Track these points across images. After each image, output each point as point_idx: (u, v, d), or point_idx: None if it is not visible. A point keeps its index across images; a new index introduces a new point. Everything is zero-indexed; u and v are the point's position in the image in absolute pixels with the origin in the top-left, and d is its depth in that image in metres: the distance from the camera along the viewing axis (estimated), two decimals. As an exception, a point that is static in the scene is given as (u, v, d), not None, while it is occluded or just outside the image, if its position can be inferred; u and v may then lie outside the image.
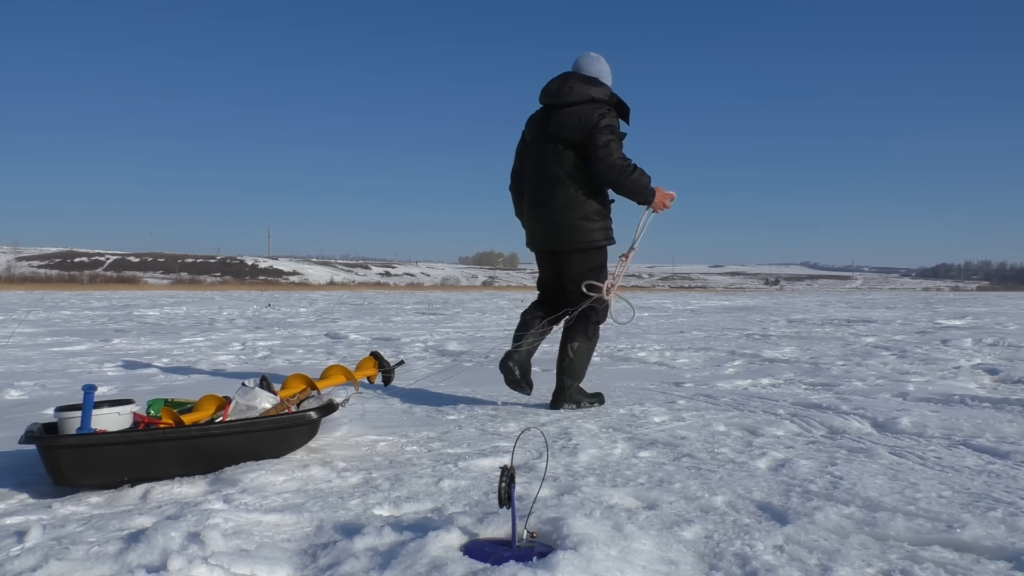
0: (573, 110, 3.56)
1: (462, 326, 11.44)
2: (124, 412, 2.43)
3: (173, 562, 1.62)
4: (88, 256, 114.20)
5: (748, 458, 2.72)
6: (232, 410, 2.65)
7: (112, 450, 2.30)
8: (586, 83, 3.61)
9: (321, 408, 2.74)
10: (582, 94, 3.57)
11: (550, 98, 3.65)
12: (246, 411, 2.66)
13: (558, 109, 3.61)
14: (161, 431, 2.41)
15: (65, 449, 2.26)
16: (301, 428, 2.68)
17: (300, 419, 2.67)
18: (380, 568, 1.63)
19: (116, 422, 2.38)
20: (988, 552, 1.79)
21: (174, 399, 2.79)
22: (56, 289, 45.06)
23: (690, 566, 1.69)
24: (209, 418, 2.63)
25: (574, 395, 3.78)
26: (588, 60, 3.71)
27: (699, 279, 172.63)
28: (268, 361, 6.26)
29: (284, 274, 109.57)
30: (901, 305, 24.58)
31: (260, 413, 2.66)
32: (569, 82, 3.61)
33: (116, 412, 2.39)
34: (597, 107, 3.54)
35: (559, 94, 3.61)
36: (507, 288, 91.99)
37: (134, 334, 9.31)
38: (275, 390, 2.87)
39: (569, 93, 3.58)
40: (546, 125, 3.65)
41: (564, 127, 3.57)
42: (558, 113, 3.60)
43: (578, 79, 3.62)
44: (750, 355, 6.62)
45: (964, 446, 2.91)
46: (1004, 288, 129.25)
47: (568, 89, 3.59)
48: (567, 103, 3.58)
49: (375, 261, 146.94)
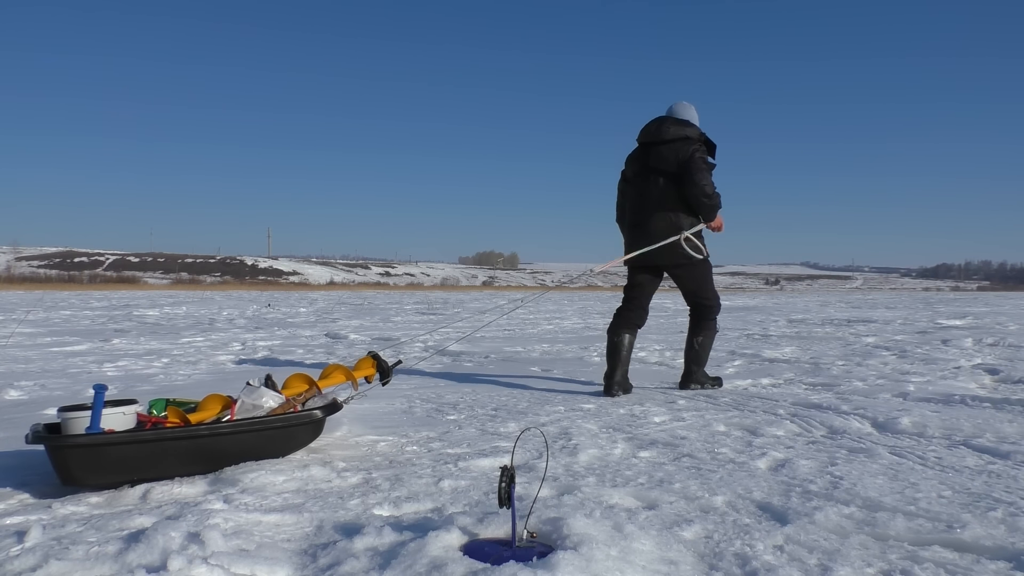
0: (670, 146, 4.19)
1: (462, 326, 11.44)
2: (128, 412, 2.42)
3: (173, 562, 1.62)
4: (88, 256, 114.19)
5: (748, 458, 2.72)
6: (238, 409, 2.64)
7: (121, 450, 2.30)
8: (679, 124, 4.23)
9: (326, 407, 2.74)
10: (677, 134, 4.19)
11: (649, 137, 4.29)
12: (252, 410, 2.66)
13: (656, 146, 4.24)
14: (171, 430, 2.41)
15: (74, 449, 2.24)
16: (307, 427, 2.70)
17: (307, 418, 2.67)
18: (380, 568, 1.63)
19: (121, 422, 2.37)
20: (988, 552, 1.79)
21: (176, 399, 2.79)
22: (56, 289, 45.08)
23: (690, 566, 1.69)
24: (216, 417, 2.62)
25: (699, 377, 4.48)
26: (681, 106, 4.36)
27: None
28: (268, 361, 6.26)
29: (284, 274, 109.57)
30: (901, 305, 24.58)
31: (267, 412, 2.66)
32: (665, 124, 4.24)
33: (121, 412, 2.38)
34: (691, 143, 4.16)
35: (658, 133, 4.24)
36: (507, 288, 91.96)
37: (134, 334, 9.31)
38: (278, 389, 2.87)
39: (666, 133, 4.21)
40: (645, 160, 4.29)
41: (662, 161, 4.19)
42: (656, 149, 4.23)
43: (672, 122, 4.25)
44: (750, 355, 6.62)
45: (964, 446, 2.91)
46: (1004, 288, 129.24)
47: (665, 130, 4.22)
48: (664, 140, 4.21)
49: (375, 261, 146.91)
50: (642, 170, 4.30)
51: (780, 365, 5.89)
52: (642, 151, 4.33)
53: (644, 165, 4.29)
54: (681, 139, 4.18)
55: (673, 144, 4.18)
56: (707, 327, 4.47)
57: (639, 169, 4.33)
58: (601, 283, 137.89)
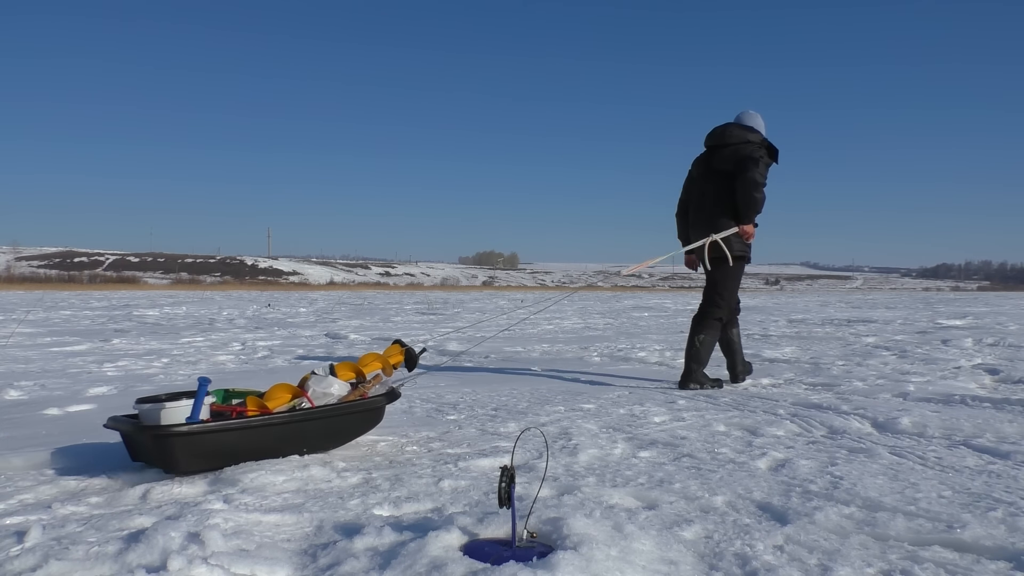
0: (732, 149, 4.45)
1: (462, 326, 11.44)
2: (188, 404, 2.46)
3: (173, 562, 1.62)
4: (88, 256, 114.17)
5: (748, 458, 2.72)
6: (312, 397, 2.77)
7: (221, 437, 2.44)
8: (743, 130, 4.51)
9: (388, 394, 2.92)
10: (740, 138, 4.47)
11: (714, 140, 4.56)
12: (323, 397, 2.78)
13: (720, 149, 4.50)
14: (270, 417, 2.56)
15: (180, 437, 2.34)
16: (378, 411, 2.89)
17: (379, 403, 2.87)
18: (380, 568, 1.63)
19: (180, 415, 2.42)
20: (988, 552, 1.79)
21: (234, 389, 2.85)
22: (56, 289, 45.08)
23: (690, 566, 1.69)
24: (291, 405, 2.72)
25: (699, 377, 4.49)
26: (747, 114, 4.63)
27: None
28: (268, 361, 6.26)
29: (284, 274, 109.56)
30: (901, 305, 24.58)
31: (337, 399, 2.80)
32: (730, 129, 4.52)
33: (188, 404, 2.43)
34: (750, 146, 4.42)
35: (722, 137, 4.52)
36: (507, 288, 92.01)
37: (134, 334, 9.31)
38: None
39: (730, 137, 4.49)
40: (710, 162, 4.56)
41: (724, 161, 4.46)
42: (720, 151, 4.50)
43: (737, 127, 4.53)
44: (750, 355, 6.61)
45: (964, 446, 2.91)
46: (1005, 288, 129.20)
47: (730, 134, 4.50)
48: (727, 144, 4.48)
49: (375, 261, 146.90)
50: (706, 171, 4.58)
51: (780, 365, 5.90)
52: (707, 154, 4.61)
53: (708, 167, 4.57)
54: (743, 143, 4.44)
55: (735, 147, 4.44)
56: (711, 326, 4.53)
57: (704, 171, 4.60)
58: (601, 283, 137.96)
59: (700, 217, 4.56)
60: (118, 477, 2.43)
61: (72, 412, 3.74)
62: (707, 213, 4.50)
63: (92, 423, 3.43)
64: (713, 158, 4.53)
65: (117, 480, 2.41)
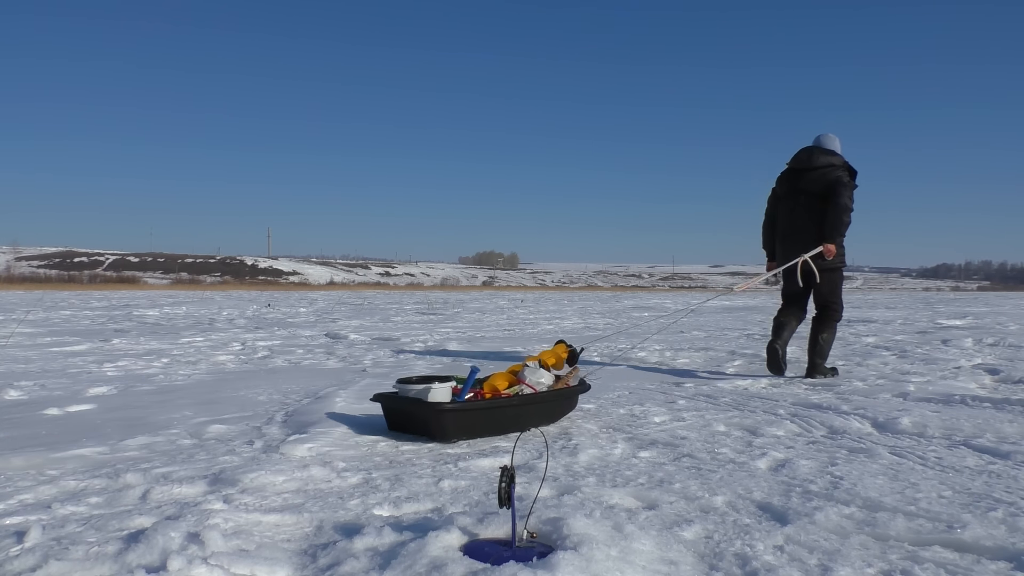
0: (818, 172, 4.95)
1: (462, 326, 11.44)
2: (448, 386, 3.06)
3: (173, 562, 1.62)
4: (88, 256, 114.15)
5: (748, 458, 2.72)
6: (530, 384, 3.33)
7: (478, 414, 3.05)
8: (826, 154, 5.00)
9: (582, 383, 3.53)
10: (824, 162, 4.96)
11: (800, 164, 5.07)
12: (537, 385, 3.35)
13: (806, 172, 5.01)
14: (511, 399, 3.18)
15: (452, 413, 2.97)
16: (576, 398, 3.50)
17: (581, 389, 3.51)
18: (380, 568, 1.63)
19: (445, 394, 3.02)
20: (989, 552, 1.79)
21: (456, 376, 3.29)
22: (56, 289, 45.09)
23: (690, 566, 1.69)
24: (514, 390, 3.29)
25: (821, 369, 5.09)
26: (826, 138, 5.14)
27: (699, 279, 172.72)
28: (268, 361, 6.26)
29: (284, 274, 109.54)
30: (901, 305, 24.58)
31: (547, 387, 3.37)
32: (815, 154, 5.02)
33: (448, 386, 3.05)
34: (836, 170, 4.91)
35: (808, 161, 5.01)
36: (507, 288, 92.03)
37: (134, 334, 9.30)
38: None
39: (815, 161, 4.98)
40: (796, 182, 5.07)
41: (811, 184, 4.97)
42: (807, 174, 5.01)
43: (820, 151, 5.02)
44: (750, 355, 6.62)
45: (965, 446, 2.91)
46: (1005, 288, 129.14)
47: (815, 158, 4.99)
48: (813, 167, 4.97)
49: (375, 261, 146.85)
50: (791, 191, 5.09)
51: (780, 365, 5.88)
52: (793, 175, 5.11)
53: (794, 187, 5.07)
54: (828, 166, 4.93)
55: (821, 170, 4.94)
56: (831, 327, 5.12)
57: (789, 190, 5.12)
58: (601, 283, 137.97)
59: (792, 234, 5.08)
60: (118, 477, 2.44)
61: (72, 412, 3.74)
62: (800, 231, 5.01)
63: (92, 423, 3.44)
64: (800, 179, 5.03)
65: (117, 480, 2.41)
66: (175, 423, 3.41)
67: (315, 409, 3.70)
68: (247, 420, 3.50)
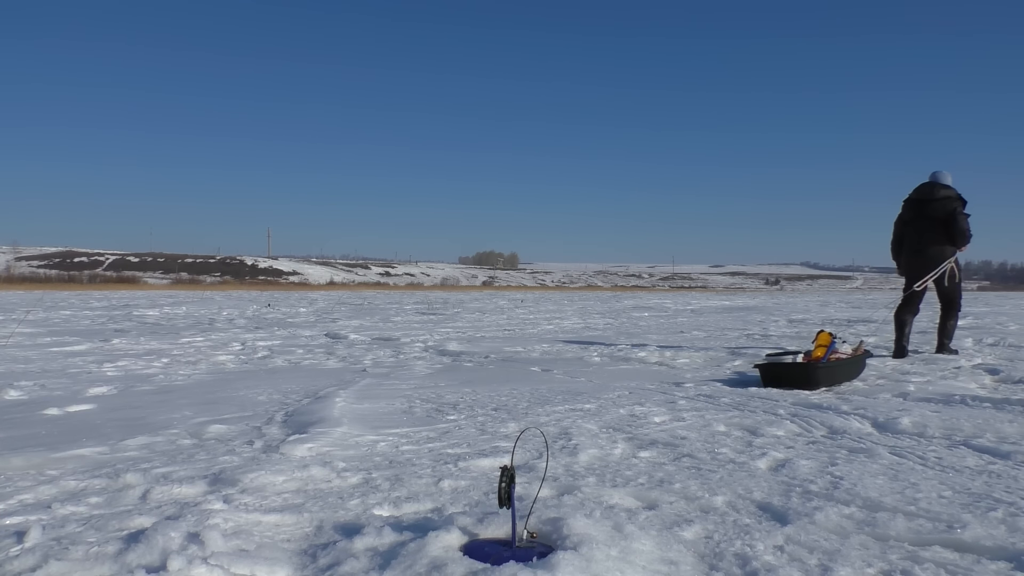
0: (939, 202, 6.44)
1: (462, 326, 11.44)
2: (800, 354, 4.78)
3: (173, 562, 1.62)
4: (88, 256, 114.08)
5: (748, 458, 2.72)
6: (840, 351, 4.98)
7: (831, 370, 4.65)
8: (944, 187, 6.49)
9: (868, 353, 5.37)
10: (943, 194, 6.44)
11: (923, 195, 6.53)
12: (844, 354, 4.97)
13: (930, 202, 6.47)
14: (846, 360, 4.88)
15: (821, 369, 4.57)
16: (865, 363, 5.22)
17: (867, 356, 5.35)
18: (380, 568, 1.63)
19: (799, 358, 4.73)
20: (989, 552, 1.79)
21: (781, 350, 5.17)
22: (56, 289, 45.07)
23: (690, 566, 1.69)
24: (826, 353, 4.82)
25: (947, 348, 6.59)
26: (941, 174, 6.61)
27: (699, 279, 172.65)
28: (268, 361, 6.26)
29: (284, 274, 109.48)
30: (901, 305, 24.53)
31: (847, 354, 5.00)
32: (936, 188, 6.49)
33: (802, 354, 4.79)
34: (953, 201, 6.41)
35: (930, 194, 6.48)
36: (507, 288, 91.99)
37: (134, 334, 9.30)
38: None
39: (936, 194, 6.46)
40: (921, 210, 6.53)
41: (935, 211, 6.46)
42: (929, 204, 6.49)
43: (939, 186, 6.49)
44: (751, 355, 6.62)
45: (965, 446, 2.91)
46: (1005, 288, 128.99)
47: (936, 192, 6.47)
48: (934, 199, 6.46)
49: (375, 261, 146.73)
50: (916, 217, 6.54)
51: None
52: (918, 204, 6.55)
53: (919, 214, 6.52)
54: (946, 198, 6.40)
55: (941, 201, 6.42)
56: (954, 315, 6.62)
57: (914, 216, 6.56)
58: (601, 283, 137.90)
59: (920, 251, 6.50)
60: (118, 477, 2.44)
61: (72, 412, 3.75)
62: (926, 247, 6.46)
63: (92, 423, 3.44)
64: (925, 208, 6.48)
65: (117, 480, 2.41)
66: (175, 423, 3.41)
67: (315, 409, 3.70)
68: (247, 420, 3.50)
